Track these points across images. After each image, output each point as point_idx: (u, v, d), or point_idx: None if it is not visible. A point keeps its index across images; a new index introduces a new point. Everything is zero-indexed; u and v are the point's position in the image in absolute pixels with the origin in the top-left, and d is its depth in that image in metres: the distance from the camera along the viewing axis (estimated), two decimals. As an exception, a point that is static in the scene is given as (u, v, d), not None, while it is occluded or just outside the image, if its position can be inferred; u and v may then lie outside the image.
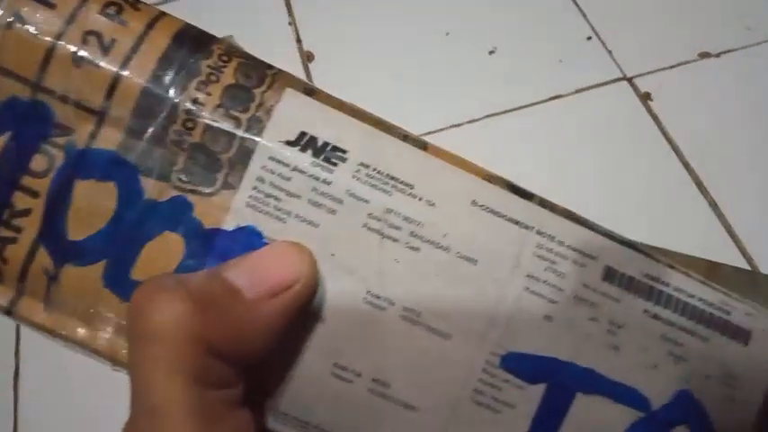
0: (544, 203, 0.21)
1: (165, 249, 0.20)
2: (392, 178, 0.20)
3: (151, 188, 0.20)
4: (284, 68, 0.71)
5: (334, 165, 0.20)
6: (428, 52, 0.74)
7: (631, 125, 0.68)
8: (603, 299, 0.20)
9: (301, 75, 0.72)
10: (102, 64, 0.19)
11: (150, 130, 0.19)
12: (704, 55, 0.72)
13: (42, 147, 0.20)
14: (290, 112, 0.20)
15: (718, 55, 0.72)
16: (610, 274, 0.20)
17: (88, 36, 0.19)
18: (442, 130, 0.69)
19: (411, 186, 0.20)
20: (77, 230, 0.20)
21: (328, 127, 0.20)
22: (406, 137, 0.21)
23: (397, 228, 0.20)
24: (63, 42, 0.19)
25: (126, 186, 0.20)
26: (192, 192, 0.20)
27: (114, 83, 0.19)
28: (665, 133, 0.67)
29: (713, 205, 0.63)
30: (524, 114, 0.69)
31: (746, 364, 0.20)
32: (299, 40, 0.76)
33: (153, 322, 0.17)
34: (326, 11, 0.78)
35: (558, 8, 0.77)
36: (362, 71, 0.73)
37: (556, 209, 0.21)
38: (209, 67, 0.20)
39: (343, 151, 0.20)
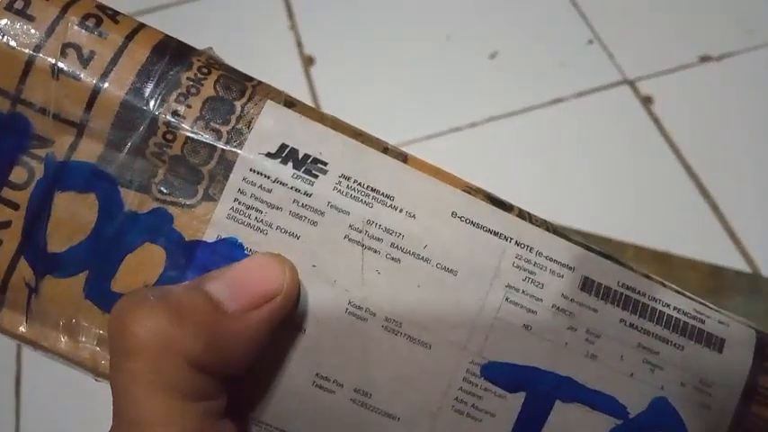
0: (523, 215, 0.21)
1: (145, 261, 0.20)
2: (373, 190, 0.20)
3: (131, 200, 0.20)
4: (285, 72, 0.71)
5: (315, 177, 0.20)
6: (429, 56, 0.74)
7: (632, 128, 0.68)
8: (581, 308, 0.20)
9: (302, 79, 0.72)
10: (82, 76, 0.19)
11: (130, 142, 0.20)
12: (705, 58, 0.72)
13: (22, 159, 0.20)
14: (271, 125, 0.20)
15: (718, 58, 0.72)
16: (587, 285, 0.21)
17: (67, 48, 0.19)
18: (442, 133, 0.69)
19: (392, 198, 0.20)
20: (58, 242, 0.20)
21: (309, 139, 0.20)
22: (386, 149, 0.21)
23: (378, 239, 0.20)
24: (42, 55, 0.19)
25: (106, 198, 0.20)
26: (173, 203, 0.20)
27: (94, 95, 0.19)
28: (666, 136, 0.67)
29: (715, 208, 0.62)
30: (525, 118, 0.69)
31: (721, 371, 0.21)
32: (299, 44, 0.76)
33: (133, 336, 0.17)
34: (327, 15, 0.78)
35: (559, 12, 0.77)
36: (363, 75, 0.73)
37: (534, 220, 0.21)
38: (188, 79, 0.20)
39: (324, 163, 0.20)
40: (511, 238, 0.20)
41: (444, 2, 0.79)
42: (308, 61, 0.74)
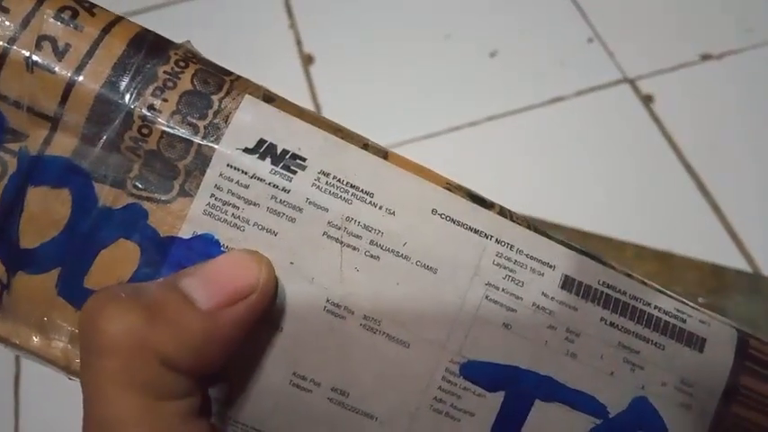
0: (504, 212, 0.21)
1: (119, 257, 0.19)
2: (352, 186, 0.20)
3: (105, 195, 0.19)
4: (284, 71, 0.70)
5: (294, 173, 0.19)
6: (429, 55, 0.74)
7: (633, 127, 0.68)
8: (561, 307, 0.20)
9: (301, 77, 0.72)
10: (57, 69, 0.19)
11: (105, 136, 0.19)
12: (705, 57, 0.72)
13: None
14: (249, 120, 0.20)
15: (719, 57, 0.72)
16: (568, 283, 0.20)
17: (42, 41, 0.19)
18: (442, 132, 0.68)
19: (371, 195, 0.20)
20: (30, 238, 0.19)
21: (288, 134, 0.20)
22: (366, 145, 0.21)
23: (357, 236, 0.20)
24: (16, 47, 0.19)
25: (80, 193, 0.19)
26: (148, 199, 0.19)
27: (68, 88, 0.19)
28: (666, 135, 0.67)
29: (715, 208, 0.62)
30: (525, 117, 0.69)
31: (702, 371, 0.21)
32: (299, 43, 0.76)
33: (104, 334, 0.17)
34: (327, 13, 0.78)
35: (560, 10, 0.77)
36: (363, 74, 0.73)
37: (515, 218, 0.21)
38: (165, 72, 0.19)
39: (303, 159, 0.20)
40: (491, 236, 0.20)
41: (444, 1, 0.79)
42: (307, 60, 0.74)
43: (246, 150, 0.19)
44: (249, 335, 0.18)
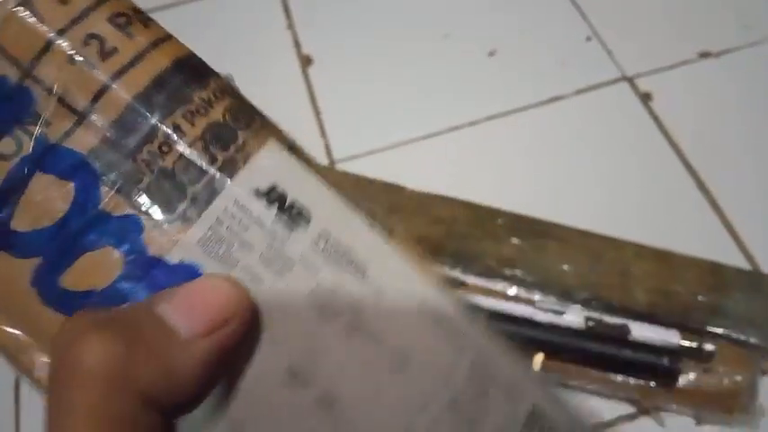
0: (490, 326, 0.20)
1: (101, 264, 0.19)
2: (348, 257, 0.19)
3: (108, 200, 0.19)
4: (282, 72, 0.70)
5: (296, 228, 0.19)
6: (427, 55, 0.74)
7: (632, 125, 0.68)
8: None
9: (300, 79, 0.72)
10: (97, 69, 0.19)
11: (124, 144, 0.19)
12: (704, 54, 0.72)
13: (15, 131, 0.19)
14: (268, 163, 0.19)
15: (717, 54, 0.72)
16: (534, 417, 0.20)
17: (91, 39, 0.19)
18: (441, 132, 0.68)
19: (364, 271, 0.19)
20: (23, 221, 0.19)
21: (301, 189, 0.20)
22: (373, 221, 0.20)
23: (339, 309, 0.19)
24: (65, 38, 0.19)
25: (84, 191, 0.19)
26: (147, 215, 0.19)
27: (103, 89, 0.19)
28: (665, 133, 0.67)
29: (714, 205, 0.62)
30: (524, 116, 0.69)
31: None
32: (297, 44, 0.76)
33: (81, 365, 0.16)
34: (325, 15, 0.78)
35: (558, 9, 0.77)
36: (361, 74, 0.73)
37: (499, 335, 0.20)
38: (200, 99, 0.20)
39: (309, 217, 0.19)
40: (471, 349, 0.20)
41: (442, 0, 0.79)
42: (305, 61, 0.74)
43: (257, 193, 0.19)
44: (226, 367, 0.18)
